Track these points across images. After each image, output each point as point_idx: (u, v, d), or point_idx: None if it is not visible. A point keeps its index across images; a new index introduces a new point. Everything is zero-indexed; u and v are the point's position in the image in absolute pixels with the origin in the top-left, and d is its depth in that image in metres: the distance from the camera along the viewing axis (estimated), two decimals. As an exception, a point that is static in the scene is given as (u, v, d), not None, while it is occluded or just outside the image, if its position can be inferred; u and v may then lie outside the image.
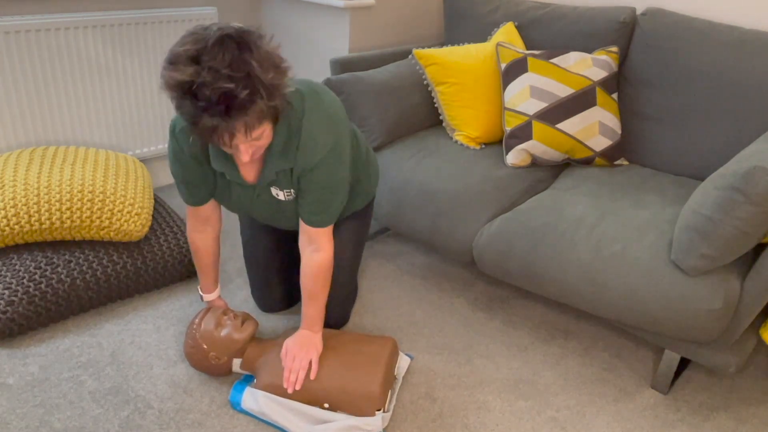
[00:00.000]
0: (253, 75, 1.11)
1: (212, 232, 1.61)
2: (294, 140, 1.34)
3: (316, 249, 1.46)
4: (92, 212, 1.79)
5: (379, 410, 1.44)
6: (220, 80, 1.09)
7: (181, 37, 1.15)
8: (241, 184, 1.46)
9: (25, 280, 1.70)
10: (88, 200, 1.79)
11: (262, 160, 1.40)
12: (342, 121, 1.40)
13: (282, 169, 1.37)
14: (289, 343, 1.52)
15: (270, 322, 1.85)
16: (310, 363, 1.48)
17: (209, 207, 1.55)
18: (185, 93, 1.11)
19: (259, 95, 1.13)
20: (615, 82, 2.06)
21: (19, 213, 1.73)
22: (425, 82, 2.20)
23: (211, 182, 1.48)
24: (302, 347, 1.50)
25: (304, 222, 1.44)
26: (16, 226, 1.73)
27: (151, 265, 1.88)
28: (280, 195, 1.45)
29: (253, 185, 1.45)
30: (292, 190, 1.44)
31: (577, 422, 1.56)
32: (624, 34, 2.11)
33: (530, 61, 2.04)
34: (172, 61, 1.12)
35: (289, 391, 1.46)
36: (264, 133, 1.23)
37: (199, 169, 1.44)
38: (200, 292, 1.70)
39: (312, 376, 1.47)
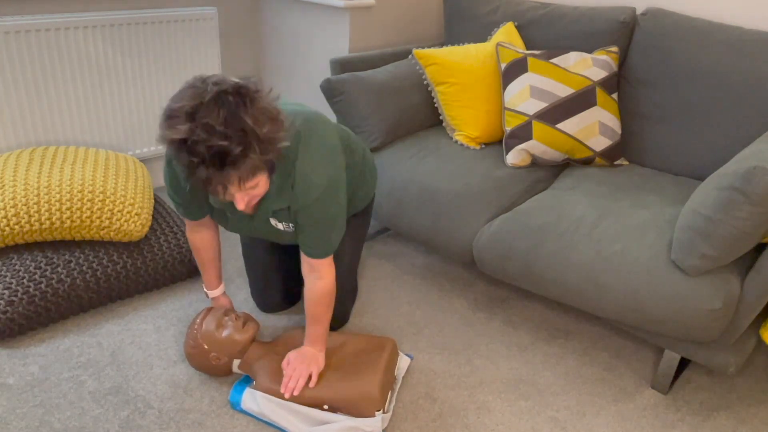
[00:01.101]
0: (248, 131, 1.13)
1: (210, 231, 1.61)
2: (289, 181, 1.35)
3: (318, 277, 1.47)
4: (92, 212, 1.79)
5: (378, 411, 1.44)
6: (214, 137, 1.11)
7: (179, 90, 1.17)
8: (238, 216, 1.47)
9: (25, 280, 1.70)
10: (88, 200, 1.79)
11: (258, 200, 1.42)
12: (336, 158, 1.39)
13: (279, 208, 1.39)
14: (292, 355, 1.52)
15: (270, 322, 1.85)
16: (310, 375, 1.49)
17: (206, 218, 1.57)
18: (180, 149, 1.13)
19: (253, 150, 1.14)
20: (615, 82, 2.06)
21: (19, 213, 1.73)
22: (425, 82, 2.20)
23: (208, 208, 1.50)
24: (304, 361, 1.50)
25: (304, 253, 1.45)
26: (16, 226, 1.73)
27: (151, 265, 1.88)
28: (280, 225, 1.47)
29: (251, 216, 1.46)
30: (290, 224, 1.45)
31: (577, 422, 1.56)
32: (624, 34, 2.11)
33: (530, 61, 2.04)
34: (170, 117, 1.14)
35: (286, 396, 1.46)
36: (259, 183, 1.25)
37: (195, 197, 1.46)
38: (204, 290, 1.70)
39: (311, 386, 1.47)
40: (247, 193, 1.25)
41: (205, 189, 1.19)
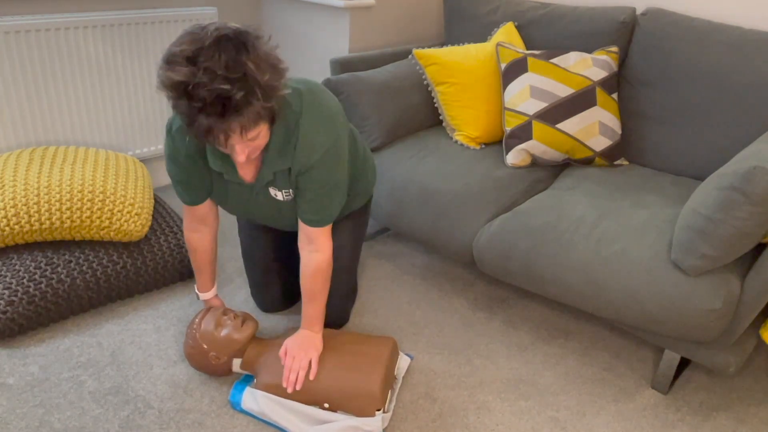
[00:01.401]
0: (250, 76, 1.11)
1: (209, 232, 1.60)
2: (292, 140, 1.34)
3: (315, 249, 1.46)
4: (92, 212, 1.79)
5: (379, 410, 1.44)
6: (216, 81, 1.09)
7: (178, 37, 1.15)
8: (239, 184, 1.45)
9: (25, 280, 1.70)
10: (88, 200, 1.79)
11: (259, 159, 1.40)
12: (340, 121, 1.39)
13: (280, 168, 1.37)
14: (288, 342, 1.52)
15: (270, 322, 1.85)
16: (310, 363, 1.48)
17: (206, 206, 1.55)
18: (181, 93, 1.11)
19: (255, 96, 1.13)
20: (615, 82, 2.06)
21: (19, 213, 1.73)
22: (425, 82, 2.20)
23: (208, 182, 1.48)
24: (302, 347, 1.50)
25: (303, 222, 1.44)
26: (16, 226, 1.73)
27: (151, 265, 1.88)
28: (279, 195, 1.45)
29: (251, 185, 1.45)
30: (290, 190, 1.44)
31: (577, 422, 1.56)
32: (624, 34, 2.11)
33: (530, 61, 2.04)
34: (169, 61, 1.12)
35: (289, 390, 1.46)
36: (260, 134, 1.23)
37: (196, 168, 1.44)
38: (196, 291, 1.70)
39: (311, 376, 1.47)
40: (247, 143, 1.23)
41: (206, 140, 1.17)
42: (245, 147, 1.23)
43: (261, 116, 1.18)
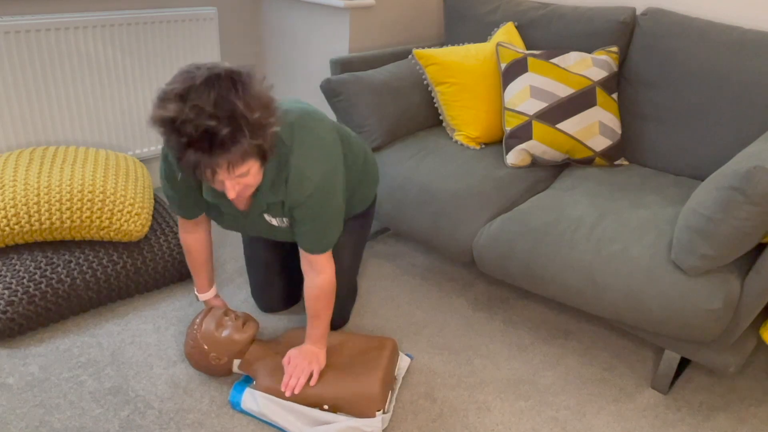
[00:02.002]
0: (238, 114, 1.12)
1: (203, 233, 1.61)
2: (282, 174, 1.34)
3: (318, 272, 1.47)
4: (92, 212, 1.79)
5: (379, 411, 1.44)
6: (202, 117, 1.10)
7: (174, 75, 1.17)
8: (232, 213, 1.46)
9: (25, 280, 1.70)
10: (88, 200, 1.79)
11: (252, 192, 1.41)
12: (332, 153, 1.38)
13: (272, 201, 1.38)
14: (293, 352, 1.52)
15: (270, 322, 1.85)
16: (311, 373, 1.49)
17: (201, 216, 1.56)
18: (170, 129, 1.13)
19: (242, 134, 1.13)
20: (615, 82, 2.06)
21: (19, 213, 1.73)
22: (425, 82, 2.20)
23: (203, 204, 1.50)
24: (305, 359, 1.50)
25: (302, 248, 1.45)
26: (16, 226, 1.73)
27: (151, 265, 1.88)
28: (274, 221, 1.46)
29: (246, 212, 1.46)
30: (285, 219, 1.45)
31: (577, 422, 1.56)
32: (624, 34, 2.11)
33: (530, 61, 2.04)
34: (161, 98, 1.14)
35: (287, 394, 1.46)
36: (250, 171, 1.23)
37: (191, 193, 1.45)
38: (195, 293, 1.70)
39: (311, 384, 1.47)
40: (237, 181, 1.23)
41: (195, 174, 1.18)
42: (235, 184, 1.24)
43: (249, 153, 1.18)
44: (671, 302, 1.47)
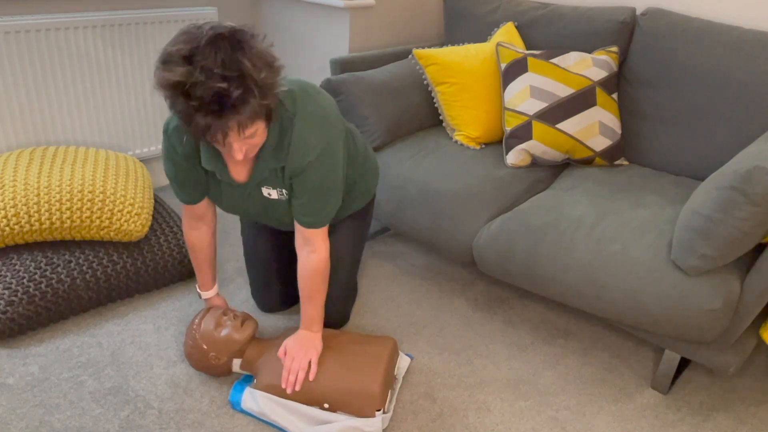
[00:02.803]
0: (246, 74, 1.12)
1: (208, 230, 1.61)
2: (285, 140, 1.34)
3: (312, 250, 1.46)
4: (92, 212, 1.79)
5: (379, 410, 1.44)
6: (213, 80, 1.09)
7: (174, 36, 1.15)
8: (231, 184, 1.46)
9: (25, 280, 1.70)
10: (88, 200, 1.79)
11: (253, 159, 1.40)
12: (334, 123, 1.39)
13: (273, 167, 1.37)
14: (288, 343, 1.52)
15: (270, 322, 1.85)
16: (310, 363, 1.48)
17: (204, 205, 1.55)
18: (178, 93, 1.11)
19: (252, 94, 1.13)
20: (615, 82, 2.06)
21: (19, 213, 1.73)
22: (425, 82, 2.20)
23: (204, 182, 1.48)
24: (302, 347, 1.50)
25: (298, 223, 1.44)
26: (16, 226, 1.73)
27: (151, 265, 1.88)
28: (273, 194, 1.45)
29: (244, 185, 1.45)
30: (284, 191, 1.44)
31: (577, 422, 1.56)
32: (624, 34, 2.11)
33: (530, 61, 2.04)
34: (165, 61, 1.12)
35: (288, 391, 1.46)
36: (257, 132, 1.23)
37: (192, 168, 1.44)
38: (198, 290, 1.70)
39: (311, 377, 1.47)
40: (245, 141, 1.23)
41: (203, 138, 1.17)
42: (243, 145, 1.24)
43: (258, 114, 1.18)
44: (671, 302, 1.47)
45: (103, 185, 1.85)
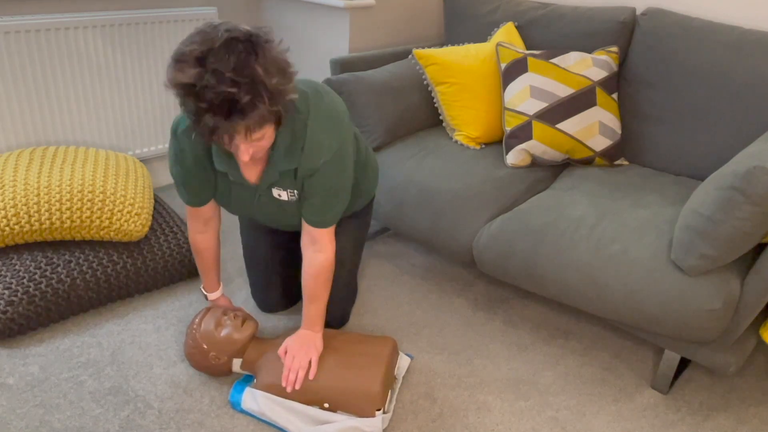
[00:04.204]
0: (257, 80, 1.11)
1: (213, 232, 1.61)
2: (299, 142, 1.34)
3: (318, 250, 1.46)
4: (92, 212, 1.79)
5: (379, 410, 1.44)
6: (223, 84, 1.09)
7: (189, 35, 1.15)
8: (242, 185, 1.46)
9: (25, 280, 1.70)
10: (88, 200, 1.79)
11: (265, 160, 1.40)
12: (346, 124, 1.40)
13: (286, 169, 1.37)
14: (289, 342, 1.52)
15: (270, 322, 1.85)
16: (310, 362, 1.48)
17: (210, 208, 1.55)
18: (188, 93, 1.12)
19: (262, 100, 1.13)
20: (615, 82, 2.06)
21: (19, 213, 1.73)
22: (425, 82, 2.20)
23: (212, 184, 1.48)
24: (302, 346, 1.50)
25: (307, 222, 1.45)
26: (16, 226, 1.73)
27: (151, 265, 1.88)
28: (283, 195, 1.45)
29: (255, 186, 1.45)
30: (295, 191, 1.44)
31: (577, 422, 1.56)
32: (624, 34, 2.11)
33: (530, 61, 2.04)
34: (178, 60, 1.12)
35: (288, 390, 1.46)
36: (265, 135, 1.23)
37: (200, 170, 1.44)
38: (204, 292, 1.70)
39: (311, 376, 1.47)
40: (252, 144, 1.23)
41: (210, 139, 1.17)
42: (249, 147, 1.24)
43: (266, 119, 1.18)
44: (671, 302, 1.47)
45: (103, 185, 1.85)
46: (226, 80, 1.09)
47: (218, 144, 1.21)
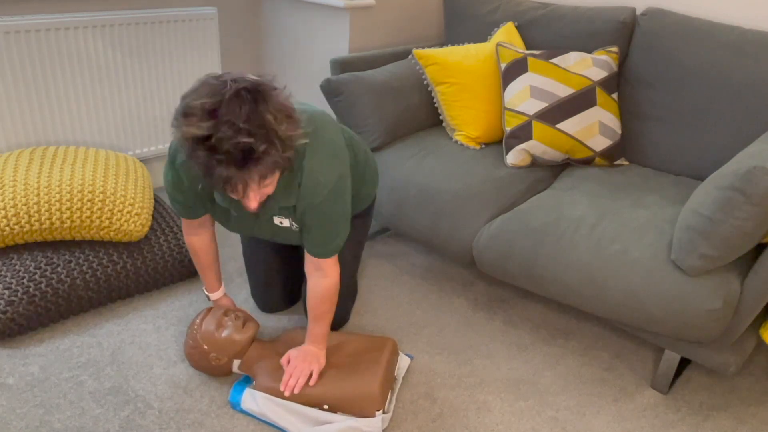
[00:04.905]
0: (270, 128, 1.12)
1: (208, 234, 1.61)
2: (296, 179, 1.34)
3: (323, 275, 1.47)
4: (92, 212, 1.79)
5: (379, 411, 1.44)
6: (240, 135, 1.09)
7: (194, 89, 1.14)
8: (242, 217, 1.46)
9: (25, 280, 1.70)
10: (88, 200, 1.79)
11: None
12: (343, 157, 1.39)
13: (284, 205, 1.38)
14: (292, 353, 1.52)
15: (270, 322, 1.85)
16: (311, 373, 1.49)
17: (203, 217, 1.55)
18: (202, 146, 1.11)
19: (275, 147, 1.14)
20: (615, 82, 2.06)
21: (19, 213, 1.73)
22: (425, 82, 2.20)
23: (208, 207, 1.49)
24: (305, 360, 1.50)
25: (309, 253, 1.45)
26: (16, 226, 1.73)
27: (151, 265, 1.88)
28: (285, 222, 1.45)
29: (255, 214, 1.45)
30: (294, 224, 1.44)
31: (577, 422, 1.56)
32: (624, 34, 2.11)
33: (530, 61, 2.04)
34: (187, 114, 1.12)
35: (286, 394, 1.46)
36: (273, 181, 1.24)
37: (199, 199, 1.45)
38: (206, 293, 1.70)
39: (311, 384, 1.47)
40: (260, 192, 1.23)
41: (223, 189, 1.17)
42: (257, 195, 1.24)
43: (279, 165, 1.18)
44: (671, 302, 1.47)
45: (103, 185, 1.85)
46: (241, 131, 1.09)
47: (228, 194, 1.21)
